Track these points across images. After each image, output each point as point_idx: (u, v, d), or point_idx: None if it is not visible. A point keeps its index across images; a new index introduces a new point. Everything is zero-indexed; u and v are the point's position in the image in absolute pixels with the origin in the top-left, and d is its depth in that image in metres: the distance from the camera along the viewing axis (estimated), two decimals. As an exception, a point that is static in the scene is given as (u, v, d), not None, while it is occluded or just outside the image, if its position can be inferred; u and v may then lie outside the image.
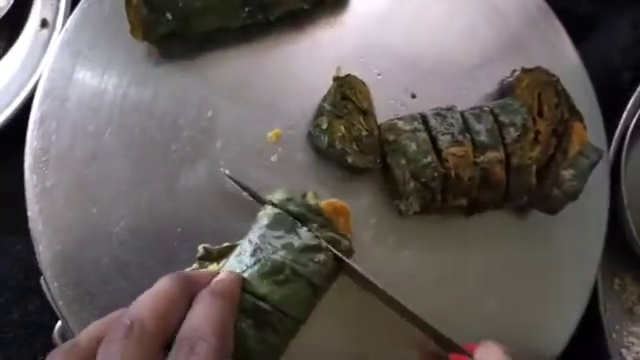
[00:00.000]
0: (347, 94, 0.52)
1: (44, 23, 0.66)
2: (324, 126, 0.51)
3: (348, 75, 0.53)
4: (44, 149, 0.52)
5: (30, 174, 0.52)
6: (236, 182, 0.50)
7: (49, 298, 0.51)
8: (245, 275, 0.43)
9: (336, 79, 0.52)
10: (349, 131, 0.51)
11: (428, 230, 0.54)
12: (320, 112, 0.52)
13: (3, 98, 0.63)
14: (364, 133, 0.51)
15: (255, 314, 0.41)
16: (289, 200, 0.46)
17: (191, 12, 0.50)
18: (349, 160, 0.50)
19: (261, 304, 0.42)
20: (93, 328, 0.36)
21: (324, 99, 0.53)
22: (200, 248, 0.47)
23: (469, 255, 0.55)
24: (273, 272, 0.43)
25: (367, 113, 0.52)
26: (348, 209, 0.49)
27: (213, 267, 0.46)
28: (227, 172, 0.51)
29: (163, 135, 0.53)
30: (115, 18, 0.54)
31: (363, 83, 0.53)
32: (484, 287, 0.54)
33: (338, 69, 0.55)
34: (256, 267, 0.43)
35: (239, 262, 0.44)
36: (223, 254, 0.47)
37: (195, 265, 0.47)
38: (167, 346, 0.35)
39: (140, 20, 0.50)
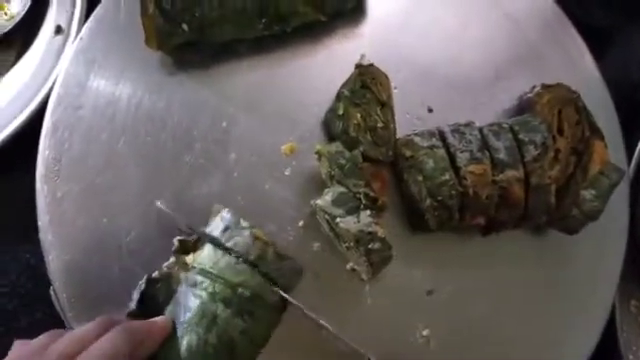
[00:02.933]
0: (367, 83, 0.51)
1: (59, 30, 0.65)
2: (340, 112, 0.50)
3: (371, 64, 0.52)
4: (56, 158, 0.52)
5: (41, 184, 0.51)
6: (170, 215, 0.48)
7: (58, 308, 0.50)
8: (222, 264, 0.42)
9: (358, 67, 0.52)
10: (365, 120, 0.50)
11: (444, 248, 0.53)
12: (338, 98, 0.52)
13: (17, 104, 0.62)
14: (380, 125, 0.51)
15: (235, 303, 0.41)
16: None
17: (207, 23, 0.50)
18: (361, 149, 0.49)
19: (239, 290, 0.41)
20: None
21: (343, 85, 0.52)
22: (175, 241, 0.46)
23: (485, 274, 0.53)
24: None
25: (385, 105, 0.51)
26: None
27: (190, 258, 0.45)
28: (159, 203, 0.49)
29: (176, 146, 0.52)
30: (130, 27, 0.54)
31: (385, 76, 0.52)
32: (500, 307, 0.53)
33: (362, 56, 0.54)
34: (232, 256, 0.42)
35: (215, 252, 0.43)
36: (197, 247, 0.46)
37: (172, 259, 0.46)
38: None
39: (155, 30, 0.49)
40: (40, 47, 0.65)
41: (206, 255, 0.44)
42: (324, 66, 0.56)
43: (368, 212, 0.46)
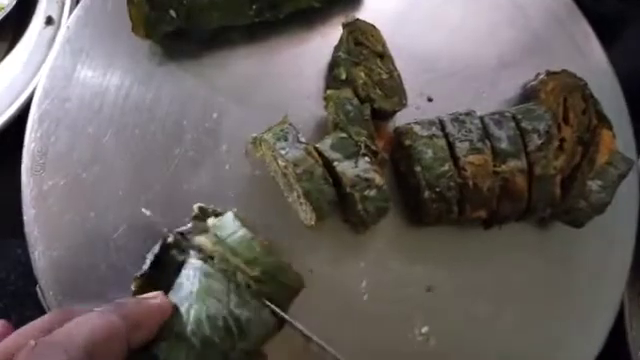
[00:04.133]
0: (360, 39, 0.50)
1: (49, 20, 0.64)
2: (343, 76, 0.49)
3: (357, 19, 0.51)
4: (42, 151, 0.50)
5: (27, 177, 0.49)
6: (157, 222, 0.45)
7: (44, 306, 0.49)
8: (238, 235, 0.40)
9: (346, 25, 0.50)
10: (369, 77, 0.49)
11: (444, 243, 0.51)
12: (336, 63, 0.51)
13: (6, 97, 0.61)
14: (384, 76, 0.50)
15: (246, 279, 0.39)
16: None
17: (196, 10, 0.48)
18: (375, 106, 0.49)
19: (253, 267, 0.40)
20: None
21: (337, 49, 0.51)
22: (195, 207, 0.44)
23: (488, 270, 0.51)
24: None
25: (383, 56, 0.51)
26: None
27: (210, 221, 0.43)
28: (148, 213, 0.46)
29: (166, 138, 0.51)
30: (118, 16, 0.52)
31: (373, 26, 0.51)
32: (503, 303, 0.51)
33: (348, 16, 0.52)
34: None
35: (234, 221, 0.41)
36: (218, 213, 0.44)
37: (190, 224, 0.44)
38: None
39: (142, 17, 0.47)
40: (31, 38, 0.64)
41: (225, 222, 0.42)
42: (318, 54, 0.54)
43: (367, 159, 0.45)
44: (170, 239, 0.44)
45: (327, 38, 0.54)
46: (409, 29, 0.55)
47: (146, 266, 0.43)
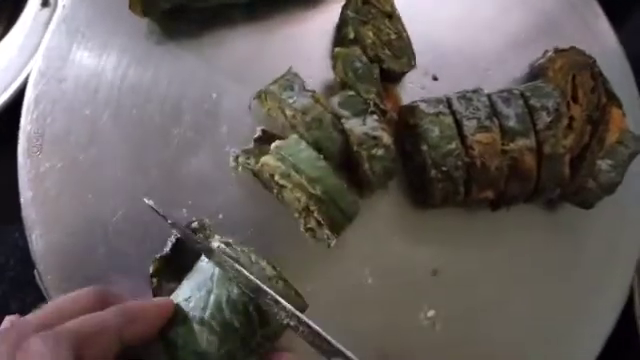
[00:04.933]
0: None
1: (45, 2, 0.62)
2: (351, 36, 0.48)
3: None
4: (38, 132, 0.49)
5: (24, 159, 0.48)
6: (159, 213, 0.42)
7: (43, 290, 0.48)
8: (303, 155, 0.42)
9: None
10: (378, 36, 0.49)
11: (451, 225, 0.50)
12: (344, 22, 0.50)
13: (3, 80, 0.60)
14: (393, 36, 0.49)
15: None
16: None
17: (194, -15, 0.47)
18: (384, 67, 0.48)
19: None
20: None
21: (345, 8, 0.50)
22: (258, 130, 0.47)
23: (495, 252, 0.50)
24: None
25: (392, 16, 0.50)
26: None
27: (275, 144, 0.44)
28: (150, 202, 0.43)
29: (164, 119, 0.49)
30: (116, -6, 0.50)
31: None
32: (510, 287, 0.50)
33: None
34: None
35: (297, 142, 0.43)
36: (281, 137, 0.45)
37: (251, 145, 0.47)
38: None
39: (139, -7, 0.46)
40: (27, 21, 0.63)
41: (290, 142, 0.43)
42: (320, 34, 0.52)
43: (375, 117, 0.44)
44: (195, 224, 0.44)
45: (328, 17, 0.52)
46: (413, 6, 0.53)
47: (167, 248, 0.44)
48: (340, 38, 0.50)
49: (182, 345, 0.37)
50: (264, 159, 0.43)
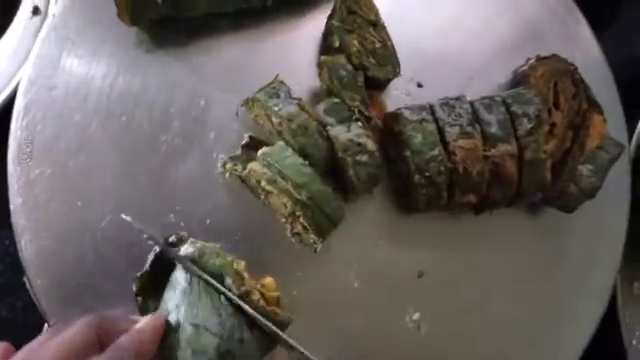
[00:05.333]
0: (353, 8, 0.50)
1: (36, 10, 0.63)
2: (336, 44, 0.49)
3: None
4: (28, 139, 0.49)
5: (13, 166, 0.49)
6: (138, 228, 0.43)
7: (32, 295, 0.48)
8: (288, 162, 0.43)
9: None
10: (362, 45, 0.49)
11: (435, 229, 0.51)
12: (329, 31, 0.50)
13: (-6, 88, 0.60)
14: (378, 45, 0.50)
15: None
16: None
17: (181, -5, 0.47)
18: (369, 74, 0.49)
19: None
20: None
21: (330, 17, 0.51)
22: (246, 136, 0.48)
23: (478, 256, 0.51)
24: None
25: (377, 25, 0.51)
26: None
27: (262, 150, 0.44)
28: (128, 218, 0.44)
29: (152, 126, 0.50)
30: (105, 3, 0.50)
31: None
32: (494, 290, 0.51)
33: None
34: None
35: (283, 149, 0.44)
36: (267, 143, 0.46)
37: (238, 152, 0.48)
38: None
39: (127, 3, 0.47)
40: (17, 29, 0.63)
41: (276, 149, 0.44)
42: (306, 43, 0.53)
43: (360, 124, 0.45)
44: (172, 238, 0.43)
45: (314, 26, 0.53)
46: (398, 14, 0.54)
47: (147, 265, 0.43)
48: (326, 47, 0.51)
49: (182, 348, 0.38)
50: (251, 165, 0.44)
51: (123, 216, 0.42)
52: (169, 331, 0.39)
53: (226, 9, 0.50)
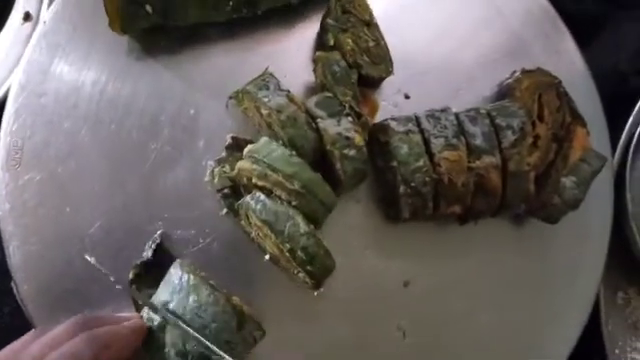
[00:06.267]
0: (347, 7, 0.51)
1: (27, 16, 0.63)
2: (331, 42, 0.50)
3: None
4: (18, 145, 0.50)
5: (2, 172, 0.49)
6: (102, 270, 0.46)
7: (19, 301, 0.48)
8: (275, 155, 0.43)
9: None
10: (356, 43, 0.50)
11: (421, 238, 0.52)
12: (324, 30, 0.52)
13: (-16, 93, 0.60)
14: (371, 44, 0.51)
15: None
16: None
17: (172, 4, 0.48)
18: (363, 72, 0.50)
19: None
20: None
21: (325, 17, 0.52)
22: (228, 137, 0.49)
23: (463, 266, 0.52)
24: None
25: (370, 24, 0.52)
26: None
27: (247, 148, 0.45)
28: (92, 259, 0.46)
29: (142, 133, 0.50)
30: (96, 11, 0.51)
31: None
32: (478, 299, 0.52)
33: None
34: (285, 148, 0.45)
35: (269, 143, 0.44)
36: (249, 141, 0.47)
37: (223, 154, 0.49)
38: None
39: (118, 12, 0.47)
40: (8, 35, 0.63)
41: (262, 145, 0.44)
42: (295, 52, 0.54)
43: (350, 119, 0.46)
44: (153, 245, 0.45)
45: (304, 35, 0.54)
46: (386, 27, 0.55)
47: (147, 253, 0.44)
48: (321, 45, 0.52)
49: (167, 346, 0.39)
50: (239, 164, 0.45)
51: (87, 257, 0.44)
52: (155, 330, 0.40)
53: (217, 18, 0.51)
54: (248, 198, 0.43)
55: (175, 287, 0.41)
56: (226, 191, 0.48)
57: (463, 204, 0.47)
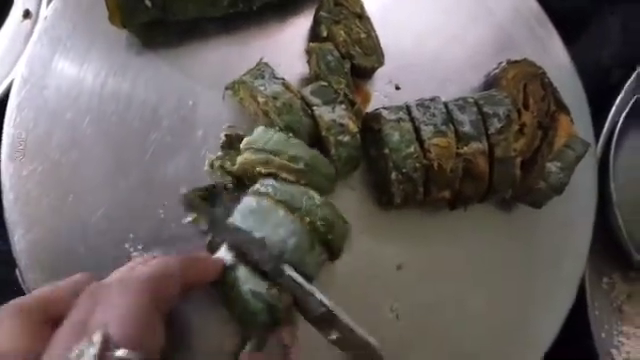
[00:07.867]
0: (339, 0, 0.54)
1: (27, 14, 0.65)
2: (324, 34, 0.52)
3: None
4: (21, 137, 0.51)
5: (7, 162, 0.51)
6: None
7: (25, 290, 0.49)
8: (274, 140, 0.45)
9: None
10: (349, 35, 0.52)
11: (413, 223, 0.53)
12: (317, 22, 0.54)
13: (-16, 90, 0.62)
14: (363, 35, 0.53)
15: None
16: None
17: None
18: (355, 63, 0.52)
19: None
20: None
21: (318, 9, 0.54)
22: (222, 135, 0.51)
23: (453, 250, 0.54)
24: None
25: (362, 17, 0.54)
26: None
27: (244, 141, 0.46)
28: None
29: (142, 124, 0.52)
30: (96, 6, 0.53)
31: None
32: (467, 283, 0.54)
33: None
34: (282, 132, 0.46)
35: (265, 131, 0.46)
36: (242, 136, 0.48)
37: (219, 153, 0.50)
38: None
39: (118, 6, 0.49)
40: (8, 32, 0.65)
41: (258, 135, 0.46)
42: (289, 45, 0.56)
43: (344, 106, 0.48)
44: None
45: (298, 29, 0.56)
46: (379, 21, 0.56)
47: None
48: (314, 37, 0.54)
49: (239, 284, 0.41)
50: (241, 158, 0.46)
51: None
52: (228, 268, 0.41)
53: (214, 13, 0.52)
54: (257, 185, 0.45)
55: (253, 209, 0.43)
56: (230, 185, 0.50)
57: (452, 189, 0.49)
